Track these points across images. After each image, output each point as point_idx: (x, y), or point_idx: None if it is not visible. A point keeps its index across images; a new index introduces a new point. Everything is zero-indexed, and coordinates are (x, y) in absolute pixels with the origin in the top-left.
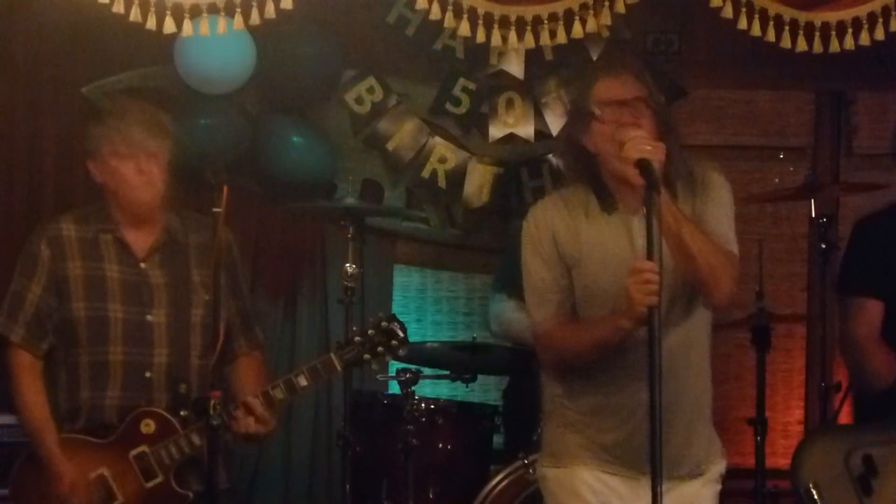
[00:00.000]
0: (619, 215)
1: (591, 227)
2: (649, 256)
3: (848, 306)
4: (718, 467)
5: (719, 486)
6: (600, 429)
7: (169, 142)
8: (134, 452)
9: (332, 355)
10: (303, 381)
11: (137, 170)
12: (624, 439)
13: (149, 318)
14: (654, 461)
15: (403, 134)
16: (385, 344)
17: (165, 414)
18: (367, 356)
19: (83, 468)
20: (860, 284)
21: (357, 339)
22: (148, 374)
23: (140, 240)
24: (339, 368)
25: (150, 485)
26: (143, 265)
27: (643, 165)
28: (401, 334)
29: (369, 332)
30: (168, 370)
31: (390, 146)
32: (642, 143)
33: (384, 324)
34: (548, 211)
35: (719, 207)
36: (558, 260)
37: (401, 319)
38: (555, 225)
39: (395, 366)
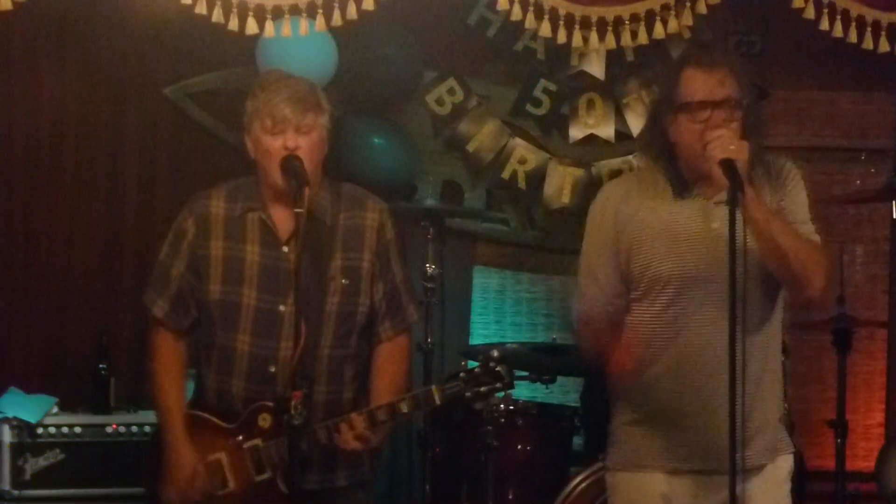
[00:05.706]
0: (694, 199)
1: (662, 208)
2: (732, 256)
3: None
4: (786, 464)
5: (788, 485)
6: (672, 426)
7: (324, 118)
8: (248, 444)
9: (434, 388)
10: (404, 408)
11: (284, 146)
12: (699, 437)
13: (281, 308)
14: (732, 454)
15: (484, 135)
16: (489, 385)
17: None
18: (468, 394)
19: (203, 449)
20: None
21: (462, 374)
22: (272, 369)
23: (286, 220)
24: (438, 402)
25: (258, 479)
26: (284, 248)
27: (727, 165)
28: (506, 378)
29: (476, 369)
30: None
31: (470, 147)
32: (726, 143)
33: (492, 364)
34: (617, 190)
35: (797, 196)
36: (615, 249)
37: (500, 355)
38: (619, 206)
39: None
